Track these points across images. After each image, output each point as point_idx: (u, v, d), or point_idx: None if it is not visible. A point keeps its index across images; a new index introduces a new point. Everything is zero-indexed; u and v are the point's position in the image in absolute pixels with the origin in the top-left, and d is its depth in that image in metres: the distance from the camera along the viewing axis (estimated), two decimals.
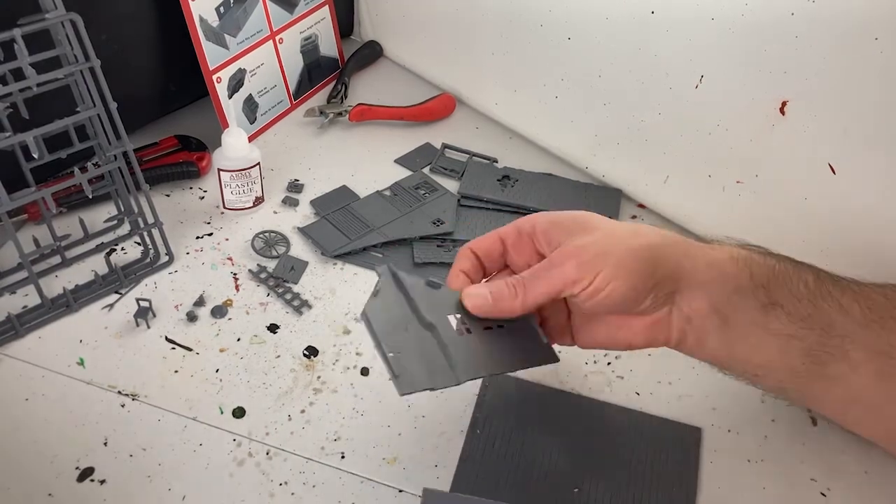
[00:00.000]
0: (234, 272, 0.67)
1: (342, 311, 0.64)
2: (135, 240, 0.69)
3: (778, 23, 0.58)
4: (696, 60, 0.65)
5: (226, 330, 0.62)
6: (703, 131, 0.68)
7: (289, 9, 0.86)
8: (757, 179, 0.66)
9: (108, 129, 0.60)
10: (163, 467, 0.52)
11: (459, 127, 0.88)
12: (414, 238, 0.71)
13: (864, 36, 0.54)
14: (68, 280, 0.65)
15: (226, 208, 0.71)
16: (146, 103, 0.80)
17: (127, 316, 0.62)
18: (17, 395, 0.56)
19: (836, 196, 0.61)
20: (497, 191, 0.76)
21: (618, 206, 0.76)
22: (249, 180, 0.70)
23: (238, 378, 0.59)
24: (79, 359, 0.59)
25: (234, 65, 0.79)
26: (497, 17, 0.81)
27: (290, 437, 0.55)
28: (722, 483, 0.53)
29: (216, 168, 0.69)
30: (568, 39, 0.75)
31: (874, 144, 0.57)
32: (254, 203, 0.71)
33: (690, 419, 0.57)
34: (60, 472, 0.52)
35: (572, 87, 0.78)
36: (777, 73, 0.60)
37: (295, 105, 0.90)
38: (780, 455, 0.55)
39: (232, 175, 0.69)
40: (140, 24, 0.74)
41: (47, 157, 0.59)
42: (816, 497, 0.53)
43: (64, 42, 0.56)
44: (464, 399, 0.58)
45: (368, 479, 0.52)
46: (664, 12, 0.65)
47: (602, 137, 0.78)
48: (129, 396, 0.57)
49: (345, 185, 0.78)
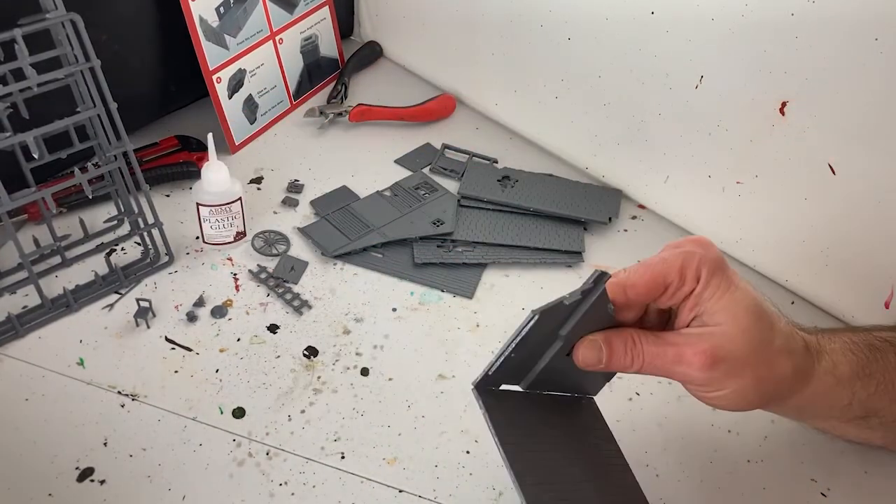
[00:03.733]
0: (234, 272, 0.67)
1: (342, 311, 0.64)
2: (135, 240, 0.69)
3: (778, 23, 0.58)
4: (696, 60, 0.65)
5: (226, 330, 0.62)
6: (703, 131, 0.68)
7: (289, 9, 0.86)
8: (757, 179, 0.66)
9: (108, 129, 0.60)
10: (163, 467, 0.52)
11: (459, 127, 0.88)
12: (414, 238, 0.71)
13: (864, 36, 0.54)
14: (68, 280, 0.65)
15: (205, 242, 0.68)
16: (146, 103, 0.80)
17: (127, 316, 0.62)
18: (17, 395, 0.56)
19: (836, 196, 0.61)
20: (497, 191, 0.76)
21: (618, 207, 0.76)
22: (230, 215, 0.67)
23: (238, 378, 0.59)
24: (79, 359, 0.59)
25: (234, 65, 0.79)
26: (497, 17, 0.81)
27: (290, 438, 0.55)
28: (722, 483, 0.53)
29: (194, 202, 0.66)
30: (568, 40, 0.75)
31: (874, 144, 0.57)
32: (235, 238, 0.68)
33: (691, 419, 0.57)
34: (60, 472, 0.52)
35: (572, 87, 0.78)
36: (777, 73, 0.60)
37: (295, 105, 0.90)
38: (780, 455, 0.55)
39: (211, 210, 0.66)
40: (140, 24, 0.74)
41: (47, 157, 0.59)
42: (816, 497, 0.53)
43: (64, 42, 0.56)
44: (464, 399, 0.58)
45: (368, 479, 0.52)
46: (664, 12, 0.65)
47: (602, 137, 0.78)
48: (129, 396, 0.57)
49: (345, 185, 0.78)
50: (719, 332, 0.43)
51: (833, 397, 0.47)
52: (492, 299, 0.67)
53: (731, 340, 0.43)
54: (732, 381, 0.44)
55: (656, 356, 0.45)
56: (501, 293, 0.67)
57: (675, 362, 0.44)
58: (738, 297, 0.44)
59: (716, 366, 0.43)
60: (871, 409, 0.48)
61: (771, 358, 0.44)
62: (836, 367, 0.47)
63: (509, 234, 0.72)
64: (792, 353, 0.45)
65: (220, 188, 0.66)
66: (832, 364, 0.47)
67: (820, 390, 0.47)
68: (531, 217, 0.74)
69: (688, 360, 0.44)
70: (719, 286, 0.44)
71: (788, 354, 0.45)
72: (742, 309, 0.43)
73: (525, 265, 0.70)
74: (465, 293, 0.67)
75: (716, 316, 0.44)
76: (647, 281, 0.45)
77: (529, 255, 0.70)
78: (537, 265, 0.70)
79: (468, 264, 0.69)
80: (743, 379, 0.44)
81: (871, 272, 0.62)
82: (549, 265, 0.70)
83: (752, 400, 0.45)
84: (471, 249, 0.71)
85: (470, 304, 0.66)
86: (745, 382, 0.44)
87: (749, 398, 0.45)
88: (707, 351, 0.43)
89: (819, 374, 0.46)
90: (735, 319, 0.43)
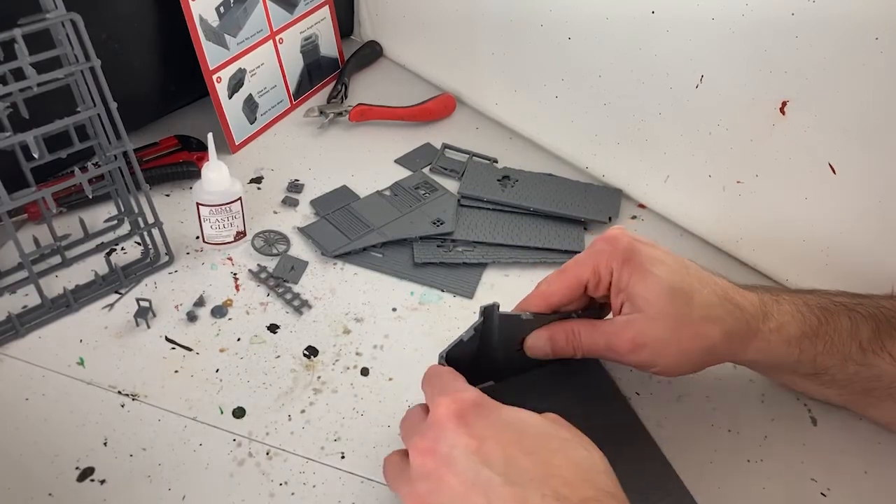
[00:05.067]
0: (234, 272, 0.67)
1: (342, 311, 0.64)
2: (135, 240, 0.69)
3: (778, 23, 0.58)
4: (696, 60, 0.65)
5: (226, 330, 0.62)
6: (703, 131, 0.68)
7: (289, 9, 0.86)
8: (757, 179, 0.66)
9: (109, 129, 0.60)
10: (163, 467, 0.52)
11: (459, 127, 0.88)
12: (414, 238, 0.71)
13: (864, 36, 0.54)
14: (68, 280, 0.65)
15: (205, 242, 0.69)
16: (146, 103, 0.80)
17: (127, 316, 0.62)
18: (17, 395, 0.56)
19: (836, 196, 0.61)
20: (497, 191, 0.76)
21: (618, 206, 0.76)
22: (230, 215, 0.67)
23: (238, 378, 0.59)
24: (79, 359, 0.59)
25: (234, 65, 0.79)
26: (497, 17, 0.81)
27: (290, 437, 0.55)
28: (722, 483, 0.53)
29: (194, 201, 0.66)
30: (568, 39, 0.75)
31: (874, 144, 0.57)
32: (235, 237, 0.68)
33: (691, 419, 0.57)
34: (60, 472, 0.52)
35: (572, 87, 0.78)
36: (777, 73, 0.60)
37: (295, 105, 0.90)
38: (780, 455, 0.55)
39: (211, 210, 0.66)
40: (140, 24, 0.74)
41: (47, 156, 0.59)
42: (816, 497, 0.53)
43: (64, 42, 0.56)
44: None
45: (368, 479, 0.52)
46: (664, 12, 0.65)
47: (602, 137, 0.78)
48: (129, 396, 0.57)
49: (345, 185, 0.78)
50: (639, 319, 0.49)
51: (780, 354, 0.51)
52: (492, 299, 0.66)
53: (650, 325, 0.49)
54: (660, 359, 0.50)
55: (592, 344, 0.51)
56: (501, 293, 0.67)
57: (607, 349, 0.51)
58: (650, 283, 0.49)
59: (640, 350, 0.49)
60: (821, 367, 0.52)
61: (693, 330, 0.49)
62: (782, 327, 0.51)
63: (509, 234, 0.72)
64: (719, 319, 0.49)
65: (220, 188, 0.66)
66: (778, 324, 0.51)
67: (765, 347, 0.51)
68: (531, 217, 0.74)
69: (616, 347, 0.50)
70: (632, 275, 0.49)
71: (714, 322, 0.49)
72: (655, 293, 0.49)
73: (525, 265, 0.70)
74: (465, 293, 0.67)
75: (636, 302, 0.49)
76: (563, 287, 0.52)
77: (529, 255, 0.71)
78: (537, 265, 0.70)
79: (468, 264, 0.69)
80: (669, 355, 0.49)
81: (871, 272, 0.62)
82: (549, 265, 0.70)
83: (686, 369, 0.51)
84: (471, 249, 0.71)
85: (470, 304, 0.66)
86: (672, 357, 0.49)
87: (682, 368, 0.51)
88: (631, 338, 0.49)
89: (764, 333, 0.50)
90: (650, 304, 0.49)
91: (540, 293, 0.53)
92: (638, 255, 0.50)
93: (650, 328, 0.49)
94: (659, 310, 0.49)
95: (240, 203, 0.67)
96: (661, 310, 0.49)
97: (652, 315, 0.49)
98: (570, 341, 0.52)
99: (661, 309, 0.49)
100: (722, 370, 0.60)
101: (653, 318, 0.49)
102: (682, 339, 0.49)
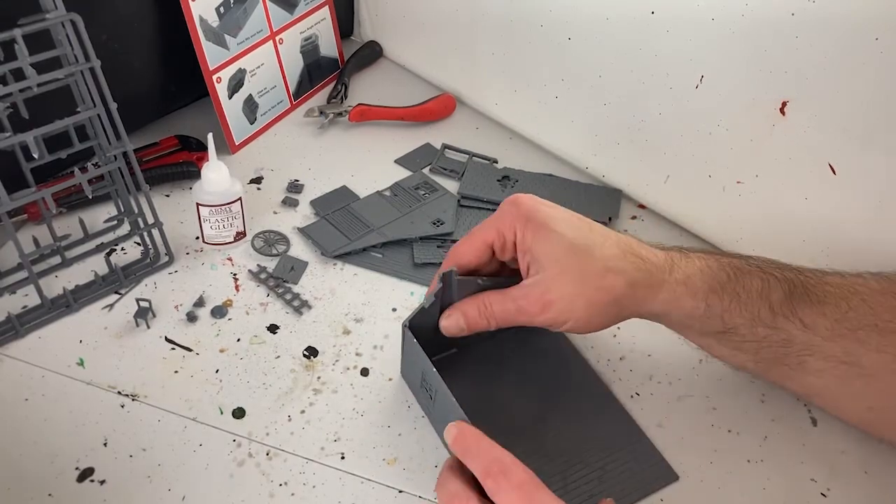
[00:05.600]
0: (234, 272, 0.67)
1: (342, 311, 0.64)
2: (135, 240, 0.69)
3: (778, 23, 0.58)
4: (696, 60, 0.65)
5: (226, 330, 0.62)
6: (703, 131, 0.68)
7: (289, 9, 0.86)
8: (757, 179, 0.66)
9: (108, 129, 0.60)
10: (163, 467, 0.52)
11: (459, 127, 0.88)
12: (414, 238, 0.71)
13: (864, 36, 0.54)
14: (68, 280, 0.65)
15: (205, 242, 0.69)
16: (146, 103, 0.80)
17: (127, 316, 0.62)
18: (17, 395, 0.56)
19: (836, 196, 0.61)
20: (497, 191, 0.76)
21: (618, 206, 0.76)
22: (230, 215, 0.67)
23: (238, 378, 0.59)
24: (79, 359, 0.59)
25: (234, 65, 0.79)
26: (497, 17, 0.81)
27: (290, 438, 0.55)
28: (722, 483, 0.53)
29: (194, 202, 0.66)
30: (568, 39, 0.75)
31: (874, 144, 0.57)
32: (235, 238, 0.69)
33: (691, 419, 0.57)
34: (60, 472, 0.52)
35: (572, 87, 0.78)
36: (777, 73, 0.60)
37: (295, 105, 0.90)
38: (780, 455, 0.55)
39: (211, 210, 0.66)
40: (140, 24, 0.74)
41: (47, 157, 0.59)
42: (816, 497, 0.53)
43: (64, 42, 0.56)
44: None
45: (368, 479, 0.52)
46: (664, 12, 0.65)
47: (602, 137, 0.78)
48: (129, 397, 0.57)
49: (345, 185, 0.78)
50: (545, 278, 0.50)
51: (687, 306, 0.52)
52: None
53: (555, 282, 0.50)
54: (571, 314, 0.50)
55: (504, 312, 0.52)
56: None
57: (518, 314, 0.51)
58: (552, 240, 0.50)
59: (549, 308, 0.50)
60: (728, 325, 0.52)
61: (597, 282, 0.50)
62: (689, 279, 0.51)
63: None
64: (622, 271, 0.50)
65: (220, 188, 0.66)
66: (685, 276, 0.52)
67: (671, 298, 0.51)
68: None
69: (526, 309, 0.51)
70: (535, 234, 0.50)
71: (617, 273, 0.50)
72: (556, 250, 0.50)
73: None
74: None
75: (540, 260, 0.50)
76: (471, 249, 0.53)
77: None
78: None
79: None
80: (577, 310, 0.50)
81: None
82: None
83: (597, 323, 0.52)
84: None
85: None
86: (581, 311, 0.50)
87: (592, 323, 0.51)
88: (538, 298, 0.50)
89: (670, 284, 0.51)
90: (554, 262, 0.50)
91: (451, 254, 0.54)
92: (539, 214, 0.51)
93: (556, 285, 0.50)
94: (563, 266, 0.50)
95: (240, 203, 0.67)
96: (564, 265, 0.50)
97: (556, 272, 0.50)
98: (482, 313, 0.52)
99: (565, 265, 0.49)
100: (722, 370, 0.60)
101: (557, 275, 0.50)
102: (587, 293, 0.50)
